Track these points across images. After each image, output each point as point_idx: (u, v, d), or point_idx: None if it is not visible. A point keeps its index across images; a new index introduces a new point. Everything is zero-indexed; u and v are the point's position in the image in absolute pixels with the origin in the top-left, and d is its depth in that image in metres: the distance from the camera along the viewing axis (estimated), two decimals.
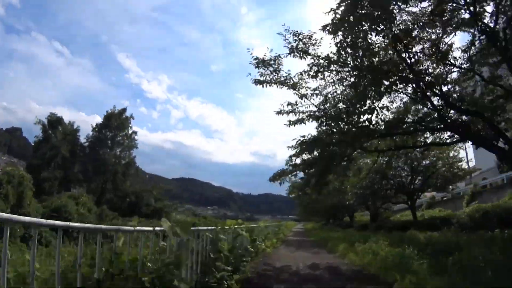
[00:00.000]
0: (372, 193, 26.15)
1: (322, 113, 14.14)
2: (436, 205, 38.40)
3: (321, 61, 13.11)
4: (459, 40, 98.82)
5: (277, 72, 13.96)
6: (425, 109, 14.39)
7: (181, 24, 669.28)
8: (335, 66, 13.08)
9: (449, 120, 13.45)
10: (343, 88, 14.05)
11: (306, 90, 14.27)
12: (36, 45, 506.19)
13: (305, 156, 15.47)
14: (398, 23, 12.23)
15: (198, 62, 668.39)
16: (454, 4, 11.84)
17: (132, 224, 5.80)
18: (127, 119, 67.02)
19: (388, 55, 12.83)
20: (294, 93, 14.37)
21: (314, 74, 13.40)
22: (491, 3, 11.68)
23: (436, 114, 13.36)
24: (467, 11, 11.63)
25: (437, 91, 13.04)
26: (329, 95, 14.42)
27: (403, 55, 12.43)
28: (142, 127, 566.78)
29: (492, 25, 11.63)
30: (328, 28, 11.72)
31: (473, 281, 6.64)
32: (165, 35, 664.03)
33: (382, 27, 11.57)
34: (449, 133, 14.95)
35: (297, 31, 13.12)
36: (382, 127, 13.93)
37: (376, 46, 12.40)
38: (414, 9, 12.50)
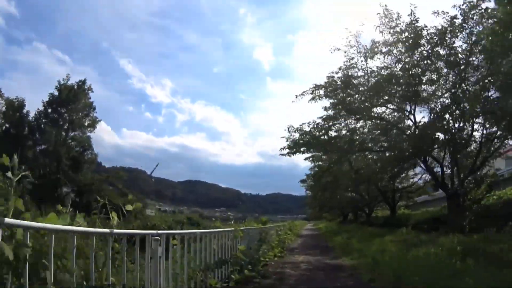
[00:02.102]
0: None
1: None
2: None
3: None
4: None
5: None
6: None
7: (181, 28, 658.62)
8: None
9: None
10: None
11: None
12: (37, 55, 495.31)
13: None
14: None
15: (200, 65, 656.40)
16: None
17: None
18: (84, 92, 49.43)
19: None
20: None
21: None
22: None
23: None
24: None
25: None
26: None
27: None
28: (148, 132, 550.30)
29: None
30: None
31: None
32: (165, 39, 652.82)
33: None
34: None
35: None
36: None
37: None
38: None
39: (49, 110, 48.62)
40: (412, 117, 16.62)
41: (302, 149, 16.45)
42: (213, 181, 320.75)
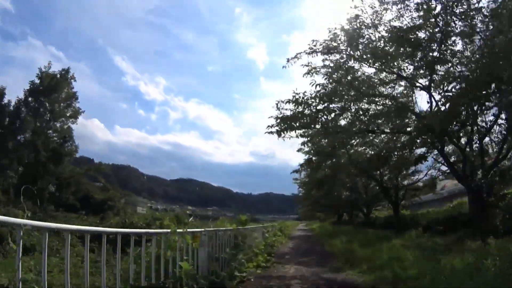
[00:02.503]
0: None
1: None
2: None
3: None
4: None
5: None
6: None
7: (176, 26, 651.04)
8: None
9: None
10: None
11: None
12: (33, 50, 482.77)
13: None
14: None
15: (194, 63, 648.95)
16: None
17: None
18: (67, 81, 46.12)
19: None
20: None
21: None
22: None
23: None
24: None
25: None
26: None
27: None
28: (141, 130, 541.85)
29: None
30: None
31: None
32: (160, 37, 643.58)
33: None
34: None
35: None
36: None
37: None
38: None
39: (30, 99, 45.25)
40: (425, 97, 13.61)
41: (296, 125, 12.94)
42: (205, 180, 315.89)
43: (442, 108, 12.37)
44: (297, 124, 12.88)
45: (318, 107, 12.81)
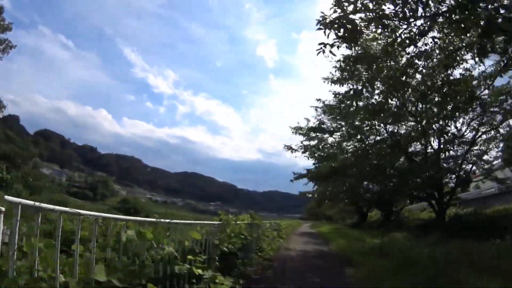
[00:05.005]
0: None
1: None
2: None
3: None
4: None
5: None
6: None
7: (186, 19, 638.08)
8: None
9: None
10: None
11: None
12: (42, 38, 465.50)
13: None
14: None
15: (203, 58, 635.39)
16: None
17: None
18: None
19: None
20: None
21: None
22: None
23: None
24: None
25: None
26: None
27: None
28: (148, 122, 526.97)
29: None
30: None
31: None
32: (170, 30, 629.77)
33: None
34: None
35: None
36: None
37: None
38: None
39: None
40: None
41: None
42: (210, 175, 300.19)
43: None
44: None
45: None
